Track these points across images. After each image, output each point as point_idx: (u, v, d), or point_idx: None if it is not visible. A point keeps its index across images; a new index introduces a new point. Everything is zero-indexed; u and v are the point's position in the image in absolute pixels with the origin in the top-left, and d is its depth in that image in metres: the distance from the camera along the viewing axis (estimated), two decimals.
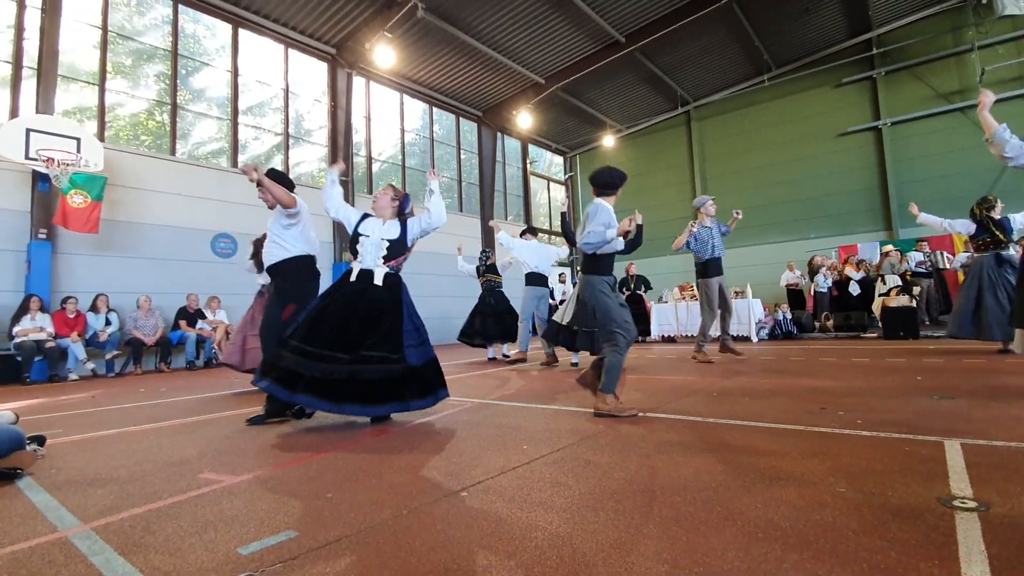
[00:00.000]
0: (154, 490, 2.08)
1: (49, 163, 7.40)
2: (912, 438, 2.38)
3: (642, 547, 1.40)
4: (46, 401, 5.14)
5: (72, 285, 7.98)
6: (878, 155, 13.53)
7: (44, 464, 2.54)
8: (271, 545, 1.51)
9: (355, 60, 11.76)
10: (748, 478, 1.93)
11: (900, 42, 13.18)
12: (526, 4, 11.15)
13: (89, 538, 1.63)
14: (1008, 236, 5.66)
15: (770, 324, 10.00)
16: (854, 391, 3.73)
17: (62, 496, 2.05)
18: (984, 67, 11.81)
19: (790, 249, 13.93)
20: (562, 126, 17.16)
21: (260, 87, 11.04)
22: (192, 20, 10.11)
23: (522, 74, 13.70)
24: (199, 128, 10.20)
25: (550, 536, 1.50)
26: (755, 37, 13.23)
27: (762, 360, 6.19)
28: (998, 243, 5.66)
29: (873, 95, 13.68)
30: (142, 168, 8.93)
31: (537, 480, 2.02)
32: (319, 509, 1.80)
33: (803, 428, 2.67)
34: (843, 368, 5.12)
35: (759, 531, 1.46)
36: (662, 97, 15.96)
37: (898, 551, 1.31)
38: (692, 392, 4.01)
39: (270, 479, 2.19)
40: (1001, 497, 1.63)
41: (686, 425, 2.88)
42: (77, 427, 3.57)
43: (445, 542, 1.49)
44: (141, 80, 9.42)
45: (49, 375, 7.23)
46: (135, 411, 4.24)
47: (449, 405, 3.89)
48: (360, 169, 12.74)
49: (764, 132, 15.24)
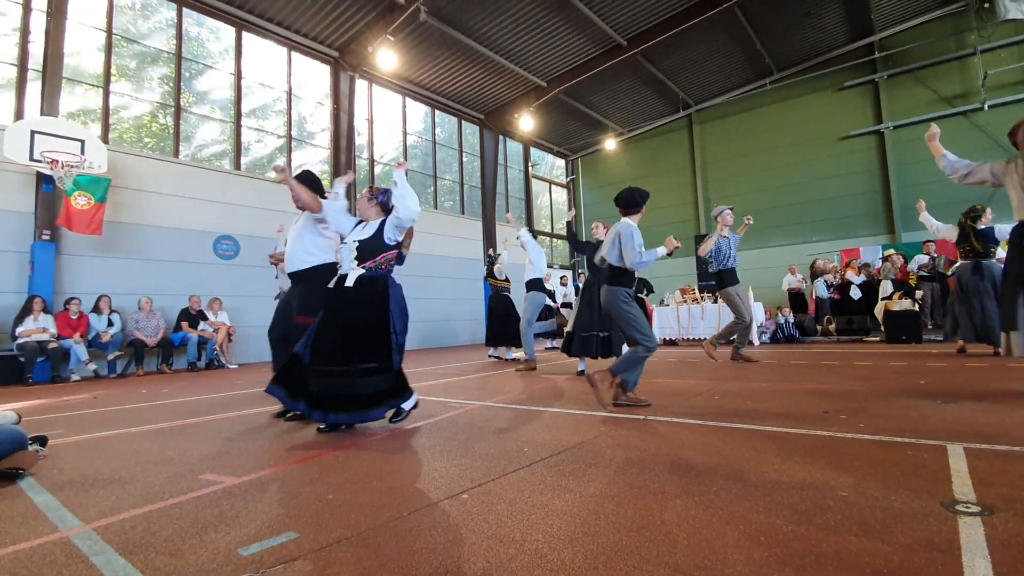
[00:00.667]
0: (155, 491, 2.09)
1: (53, 165, 7.43)
2: (915, 442, 2.37)
3: (643, 551, 1.39)
4: (48, 402, 5.15)
5: (75, 286, 8.00)
6: (880, 159, 13.52)
7: (46, 464, 2.55)
8: (272, 546, 1.51)
9: (358, 63, 11.80)
10: (750, 482, 1.92)
11: (902, 46, 13.18)
12: (528, 7, 11.18)
13: (90, 538, 1.63)
14: (987, 247, 5.80)
15: (772, 328, 9.98)
16: (856, 395, 3.72)
17: (64, 496, 2.06)
18: (987, 71, 11.81)
19: (792, 252, 13.92)
20: (564, 129, 17.19)
21: (263, 90, 11.08)
22: (196, 23, 10.16)
23: (524, 77, 13.73)
24: (202, 130, 10.24)
25: (550, 539, 1.50)
26: (757, 41, 13.25)
27: (764, 364, 6.18)
28: (976, 252, 5.82)
29: (875, 99, 13.68)
30: (145, 170, 8.96)
31: (538, 483, 2.02)
32: (320, 510, 1.80)
33: (805, 432, 2.66)
34: (845, 372, 5.11)
35: (761, 535, 1.46)
36: (664, 100, 15.98)
37: (901, 556, 1.30)
38: (694, 395, 4.00)
39: (271, 480, 2.19)
40: (1005, 501, 1.62)
41: (687, 428, 2.88)
42: (79, 428, 3.57)
43: (445, 544, 1.49)
44: (145, 83, 9.46)
45: (51, 376, 7.24)
46: (137, 412, 4.25)
47: (450, 408, 3.89)
48: (362, 172, 12.77)
49: (766, 136, 15.24)
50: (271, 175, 10.49)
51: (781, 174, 14.91)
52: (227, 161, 10.35)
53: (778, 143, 15.02)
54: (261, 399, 4.72)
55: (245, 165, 10.53)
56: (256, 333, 9.14)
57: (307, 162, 11.90)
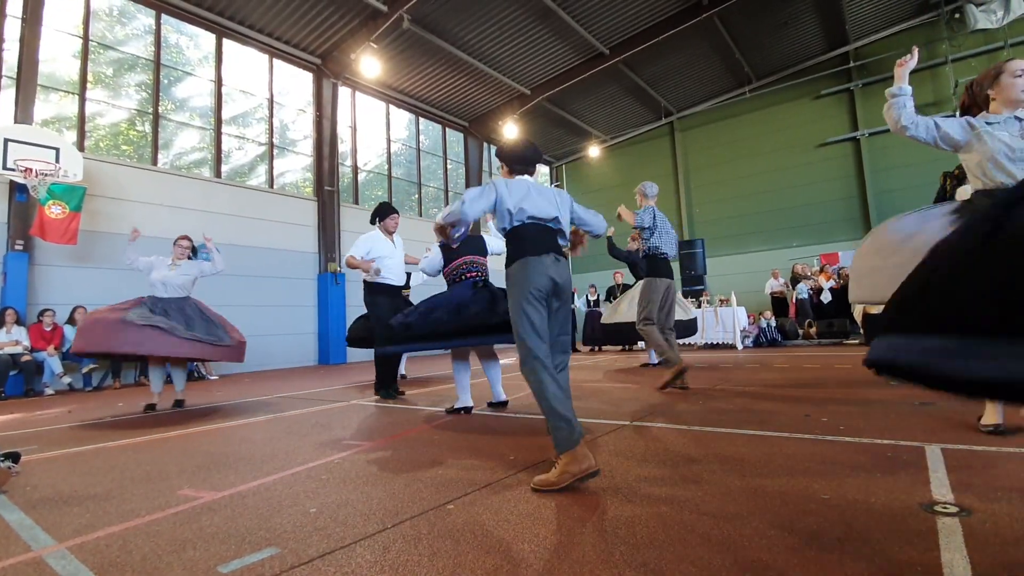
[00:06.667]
0: (131, 507, 2.04)
1: (27, 173, 7.26)
2: (894, 443, 2.41)
3: (629, 558, 1.40)
4: (21, 416, 5.01)
5: (49, 297, 7.81)
6: (857, 165, 13.81)
7: (18, 481, 2.47)
8: (252, 563, 1.48)
9: (340, 70, 11.76)
10: (733, 486, 1.94)
11: (876, 55, 13.51)
12: (512, 16, 11.26)
13: (64, 558, 1.58)
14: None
15: (755, 332, 10.10)
16: (837, 398, 3.77)
17: (36, 514, 2.00)
18: (958, 79, 12.14)
19: (773, 258, 14.12)
20: (548, 136, 17.28)
21: (244, 97, 10.98)
22: (175, 30, 10.04)
23: (508, 85, 13.80)
24: (181, 138, 10.09)
25: (537, 548, 1.49)
26: (736, 50, 13.49)
27: (747, 368, 6.25)
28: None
29: (851, 106, 13.98)
30: (123, 178, 8.80)
31: (523, 492, 2.01)
32: (302, 525, 1.77)
33: (787, 435, 2.69)
34: (826, 375, 5.19)
35: (745, 539, 1.47)
36: (646, 108, 16.16)
37: (881, 558, 1.32)
38: (678, 401, 4.03)
39: (251, 494, 2.15)
40: (982, 502, 1.65)
41: (672, 434, 2.89)
42: (53, 443, 3.48)
43: (431, 556, 1.47)
44: (122, 90, 9.31)
45: (24, 389, 7.04)
46: (113, 426, 4.15)
47: (437, 416, 3.87)
48: (346, 179, 12.69)
49: (746, 143, 15.49)
50: (226, 185, 10.33)
51: (761, 180, 15.15)
52: (207, 169, 10.22)
53: (758, 150, 15.27)
54: (240, 411, 4.65)
55: (225, 173, 10.41)
56: None
57: (289, 169, 11.80)
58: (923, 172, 12.79)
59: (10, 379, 6.87)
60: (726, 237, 15.31)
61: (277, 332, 10.40)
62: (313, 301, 11.34)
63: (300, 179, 11.98)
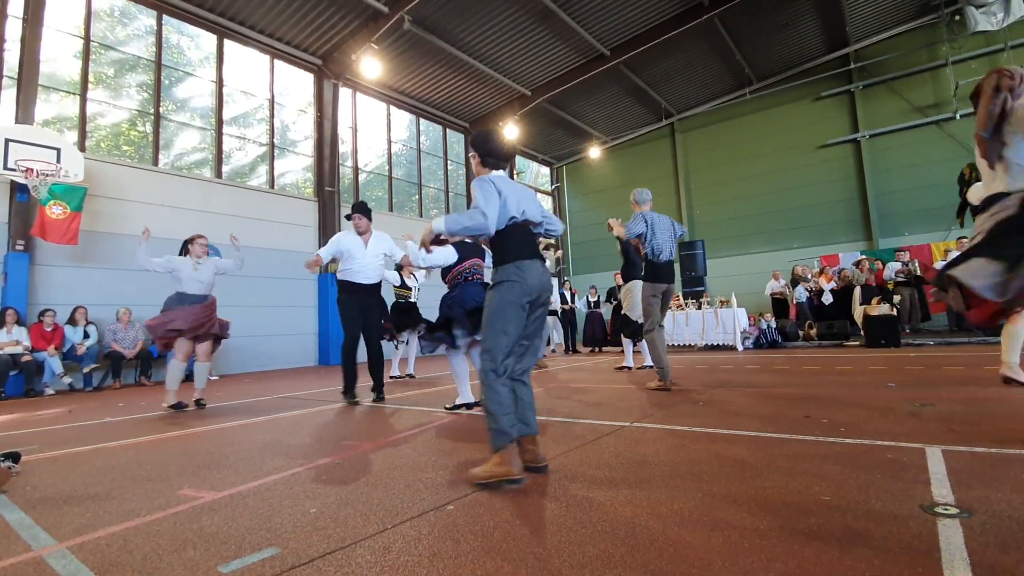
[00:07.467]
0: (132, 507, 2.04)
1: (28, 174, 7.27)
2: (894, 445, 2.40)
3: (629, 559, 1.39)
4: (21, 416, 5.01)
5: (50, 297, 7.81)
6: (857, 167, 13.81)
7: (19, 481, 2.47)
8: (253, 563, 1.48)
9: (341, 71, 11.77)
10: (733, 487, 1.94)
11: (877, 57, 13.51)
12: (512, 17, 11.27)
13: (64, 557, 1.58)
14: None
15: (755, 334, 10.09)
16: (837, 400, 3.77)
17: (37, 514, 2.00)
18: (958, 81, 12.14)
19: (774, 259, 14.11)
20: (548, 137, 17.29)
21: (245, 97, 10.99)
22: (176, 31, 10.06)
23: (509, 86, 13.81)
24: (182, 138, 10.10)
25: (537, 549, 1.49)
26: (736, 51, 13.50)
27: (747, 369, 6.24)
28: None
29: (851, 108, 13.98)
30: (124, 178, 8.81)
31: (524, 492, 2.01)
32: (302, 525, 1.77)
33: (788, 437, 2.69)
34: (826, 377, 5.18)
35: (744, 540, 1.47)
36: (647, 109, 16.17)
37: (882, 559, 1.32)
38: (677, 402, 4.02)
39: (251, 494, 2.15)
40: (982, 503, 1.65)
41: (671, 435, 2.89)
42: (53, 443, 3.48)
43: (431, 556, 1.47)
44: (123, 90, 9.32)
45: (25, 389, 7.04)
46: (113, 426, 4.15)
47: (435, 416, 3.87)
48: (346, 180, 12.70)
49: (747, 144, 15.48)
50: (227, 185, 10.32)
51: (762, 182, 15.15)
52: (208, 169, 10.22)
53: (759, 151, 15.27)
54: (240, 411, 4.65)
55: (226, 173, 10.41)
56: (238, 343, 9.04)
57: (290, 170, 11.80)
58: (923, 173, 12.80)
59: (10, 379, 6.87)
60: (726, 238, 15.31)
61: (277, 332, 10.41)
62: (314, 301, 11.35)
63: (301, 180, 11.99)
